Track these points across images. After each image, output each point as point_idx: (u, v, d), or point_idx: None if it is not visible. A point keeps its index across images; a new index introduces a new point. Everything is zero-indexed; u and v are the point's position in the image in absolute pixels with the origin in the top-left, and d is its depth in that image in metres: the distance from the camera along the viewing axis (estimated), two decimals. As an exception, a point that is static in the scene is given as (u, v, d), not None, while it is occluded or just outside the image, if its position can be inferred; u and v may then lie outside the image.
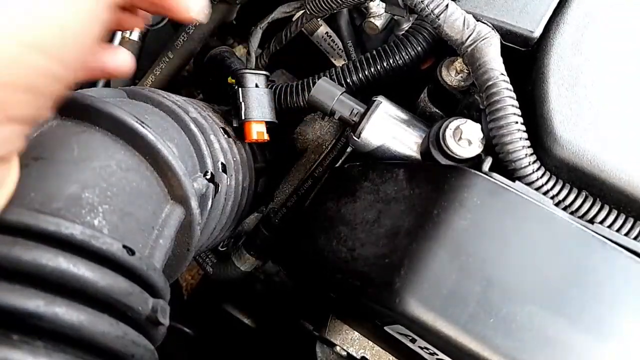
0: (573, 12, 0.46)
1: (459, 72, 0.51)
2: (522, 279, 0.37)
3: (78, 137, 0.35)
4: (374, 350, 0.55)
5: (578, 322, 0.36)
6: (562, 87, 0.43)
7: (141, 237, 0.34)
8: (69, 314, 0.27)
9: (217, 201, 0.47)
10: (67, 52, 0.26)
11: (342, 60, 0.72)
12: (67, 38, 0.25)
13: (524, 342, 0.35)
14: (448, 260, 0.38)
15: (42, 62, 0.24)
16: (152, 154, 0.37)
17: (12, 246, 0.27)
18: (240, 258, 0.66)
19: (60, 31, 0.25)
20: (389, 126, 0.49)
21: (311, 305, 0.64)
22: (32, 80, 0.24)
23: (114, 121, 0.36)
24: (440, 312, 0.36)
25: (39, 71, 0.25)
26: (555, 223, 0.39)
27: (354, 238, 0.43)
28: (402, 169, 0.45)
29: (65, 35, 0.25)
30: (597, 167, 0.41)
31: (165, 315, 0.33)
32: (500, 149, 0.43)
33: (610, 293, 0.37)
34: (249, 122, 0.53)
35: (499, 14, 0.47)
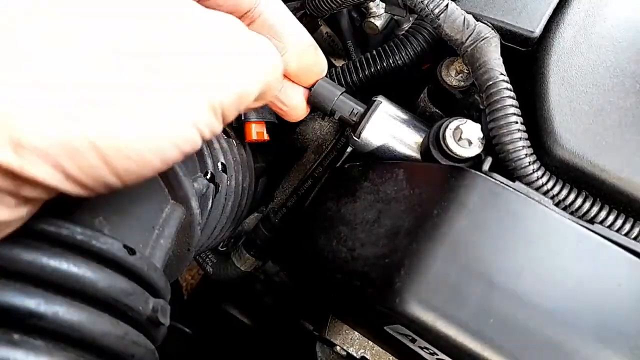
0: (573, 12, 0.46)
1: (459, 72, 0.51)
2: (523, 279, 0.37)
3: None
4: (374, 350, 0.55)
5: (578, 322, 0.36)
6: (562, 87, 0.43)
7: (142, 237, 0.34)
8: (69, 314, 0.27)
9: (218, 201, 0.47)
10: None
11: (342, 60, 0.72)
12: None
13: (524, 342, 0.35)
14: (448, 260, 0.38)
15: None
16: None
17: (13, 246, 0.27)
18: (240, 258, 0.66)
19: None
20: (389, 126, 0.49)
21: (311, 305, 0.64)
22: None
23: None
24: (440, 312, 0.36)
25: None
26: (556, 223, 0.39)
27: (354, 238, 0.43)
28: (402, 169, 0.45)
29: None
30: (597, 167, 0.41)
31: (166, 315, 0.33)
32: (500, 149, 0.43)
33: (610, 293, 0.37)
34: (249, 123, 0.53)
35: (499, 13, 0.47)
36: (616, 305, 0.37)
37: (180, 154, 0.29)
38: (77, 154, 0.24)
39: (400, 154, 0.49)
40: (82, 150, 0.24)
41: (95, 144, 0.24)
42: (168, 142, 0.27)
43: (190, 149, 0.29)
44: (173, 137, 0.27)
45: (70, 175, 0.25)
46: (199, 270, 0.82)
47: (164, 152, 0.27)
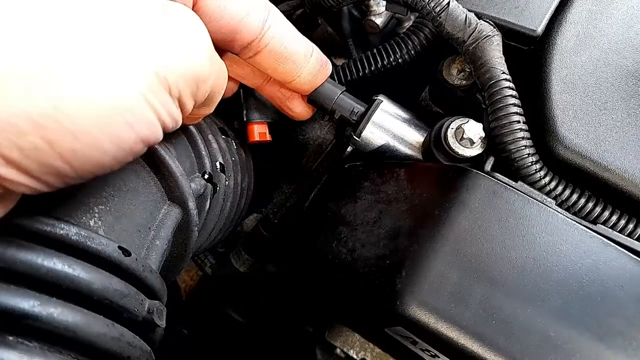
0: (576, 10, 0.46)
1: (460, 70, 0.50)
2: (525, 280, 0.37)
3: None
4: (374, 352, 0.55)
5: (580, 323, 0.36)
6: (564, 86, 0.43)
7: (137, 238, 0.34)
8: (64, 315, 0.26)
9: (216, 201, 0.46)
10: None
11: (342, 59, 0.72)
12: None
13: (525, 344, 0.35)
14: (450, 261, 0.37)
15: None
16: (149, 154, 0.36)
17: (8, 246, 0.27)
18: (239, 259, 0.65)
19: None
20: (389, 125, 0.48)
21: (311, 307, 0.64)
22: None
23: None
24: (441, 314, 0.36)
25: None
26: (558, 223, 0.39)
27: (354, 239, 0.43)
28: (403, 169, 0.45)
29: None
30: (600, 167, 0.41)
31: (162, 317, 0.32)
32: (502, 148, 0.43)
33: (612, 294, 0.37)
34: (251, 124, 0.53)
35: (501, 12, 0.47)
36: (618, 306, 0.36)
37: (136, 136, 0.26)
38: (14, 130, 0.22)
39: (401, 153, 0.49)
40: (18, 125, 0.22)
41: (32, 118, 0.22)
42: (116, 117, 0.24)
43: (148, 132, 0.27)
44: (120, 109, 0.24)
45: (11, 160, 0.22)
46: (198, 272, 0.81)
47: (114, 131, 0.24)
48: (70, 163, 0.24)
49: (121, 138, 0.25)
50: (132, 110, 0.25)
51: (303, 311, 0.67)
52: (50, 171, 0.24)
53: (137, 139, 0.26)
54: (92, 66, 0.24)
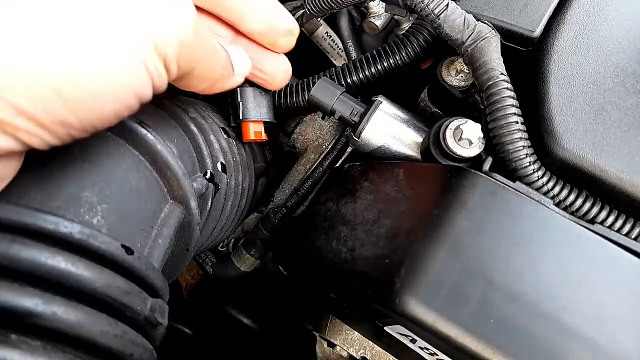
0: (574, 11, 0.46)
1: (459, 71, 0.50)
2: (523, 279, 0.37)
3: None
4: (374, 350, 0.55)
5: (579, 322, 0.36)
6: (562, 87, 0.43)
7: (140, 237, 0.34)
8: (67, 313, 0.27)
9: (217, 201, 0.47)
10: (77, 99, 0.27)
11: (342, 60, 0.72)
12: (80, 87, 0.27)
13: (524, 343, 0.35)
14: (448, 260, 0.38)
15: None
16: (151, 153, 0.37)
17: (11, 244, 0.27)
18: (240, 258, 0.65)
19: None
20: (389, 126, 0.49)
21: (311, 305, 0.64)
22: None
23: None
24: (440, 313, 0.36)
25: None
26: (556, 223, 0.39)
27: (354, 238, 0.43)
28: (402, 169, 0.45)
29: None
30: (598, 167, 0.41)
31: (164, 315, 0.33)
32: (500, 148, 0.43)
33: (611, 294, 0.37)
34: (247, 122, 0.53)
35: (500, 13, 0.47)
36: (616, 306, 0.37)
37: (132, 92, 0.29)
38: (25, 82, 0.25)
39: (401, 153, 0.49)
40: (29, 77, 0.25)
41: (43, 72, 0.25)
42: (116, 75, 0.28)
43: (141, 89, 0.30)
44: (119, 68, 0.28)
45: (22, 109, 0.25)
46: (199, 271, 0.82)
47: (114, 86, 0.28)
48: (75, 113, 0.27)
49: (120, 92, 0.29)
50: (129, 68, 0.29)
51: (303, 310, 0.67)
52: (58, 120, 0.27)
53: (133, 94, 0.30)
54: (95, 31, 0.27)
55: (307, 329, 0.61)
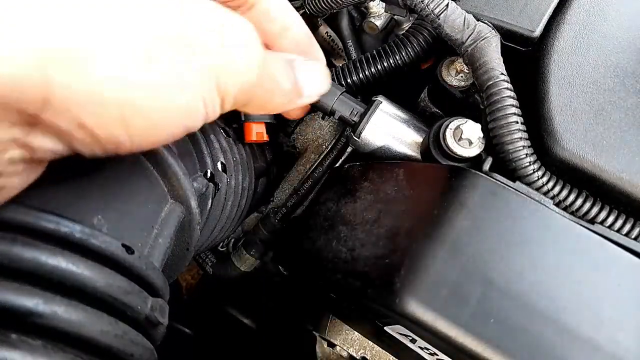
0: (574, 11, 0.46)
1: (459, 71, 0.50)
2: (522, 279, 0.37)
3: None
4: (374, 350, 0.55)
5: (577, 322, 0.36)
6: (562, 87, 0.43)
7: (140, 236, 0.34)
8: (68, 313, 0.27)
9: (217, 201, 0.47)
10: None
11: (342, 60, 0.72)
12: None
13: (523, 342, 0.35)
14: (448, 260, 0.38)
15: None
16: (152, 153, 0.37)
17: (12, 244, 0.27)
18: (240, 258, 0.65)
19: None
20: (389, 126, 0.49)
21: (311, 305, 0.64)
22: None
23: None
24: (440, 312, 0.36)
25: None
26: (556, 223, 0.39)
27: (354, 238, 0.43)
28: (402, 169, 0.45)
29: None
30: (598, 167, 0.41)
31: (164, 314, 0.33)
32: (500, 148, 0.43)
33: (610, 293, 0.37)
34: (249, 123, 0.53)
35: (500, 13, 0.47)
36: (616, 305, 0.37)
37: (185, 128, 0.31)
38: (100, 107, 0.26)
39: (401, 153, 0.49)
40: (105, 104, 0.26)
41: (118, 100, 0.26)
42: (179, 111, 0.29)
43: (192, 125, 0.31)
44: (185, 107, 0.30)
45: (87, 126, 0.26)
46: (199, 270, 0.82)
47: (173, 122, 0.30)
48: (131, 137, 0.28)
49: (175, 125, 0.30)
50: (191, 105, 0.30)
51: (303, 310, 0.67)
52: (115, 141, 0.28)
53: (185, 127, 0.31)
54: (167, 67, 0.28)
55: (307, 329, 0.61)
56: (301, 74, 0.41)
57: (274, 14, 0.43)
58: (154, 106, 0.28)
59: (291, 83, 0.40)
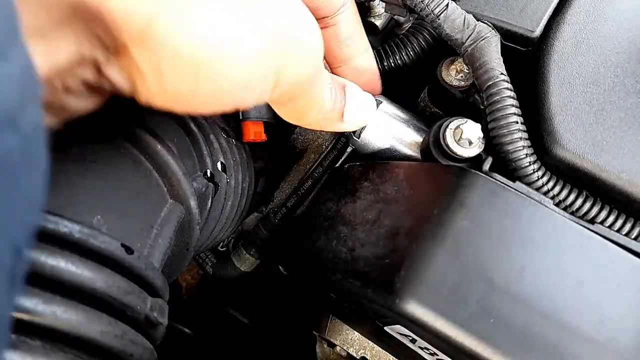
0: (574, 11, 0.46)
1: (459, 71, 0.50)
2: (523, 279, 0.37)
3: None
4: (374, 350, 0.55)
5: (578, 322, 0.36)
6: (562, 87, 0.43)
7: (140, 236, 0.34)
8: (67, 313, 0.27)
9: (217, 201, 0.47)
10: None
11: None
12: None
13: (523, 343, 0.35)
14: (448, 260, 0.38)
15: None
16: (151, 153, 0.37)
17: (11, 244, 0.27)
18: (240, 258, 0.65)
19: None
20: (389, 126, 0.49)
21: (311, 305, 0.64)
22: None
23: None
24: (440, 312, 0.36)
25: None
26: (556, 223, 0.39)
27: (354, 238, 0.43)
28: (402, 169, 0.45)
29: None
30: (598, 167, 0.41)
31: (164, 314, 0.33)
32: (500, 149, 0.43)
33: (610, 294, 0.37)
34: (247, 122, 0.53)
35: (500, 13, 0.47)
36: (616, 305, 0.37)
37: (237, 103, 0.32)
38: (182, 61, 0.26)
39: (401, 154, 0.49)
40: (189, 60, 0.26)
41: (199, 54, 0.27)
42: (243, 84, 0.30)
43: (244, 103, 0.32)
44: (248, 80, 0.30)
45: (162, 75, 0.27)
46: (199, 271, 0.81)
47: (234, 93, 0.30)
48: (193, 99, 0.29)
49: (234, 99, 0.31)
50: (252, 83, 0.31)
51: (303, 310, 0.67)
52: (175, 98, 0.29)
53: (239, 103, 0.32)
54: (249, 33, 0.29)
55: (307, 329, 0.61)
56: (350, 102, 0.42)
57: (345, 39, 0.45)
58: (222, 74, 0.28)
59: (335, 106, 0.41)
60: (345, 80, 0.43)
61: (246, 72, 0.29)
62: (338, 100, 0.41)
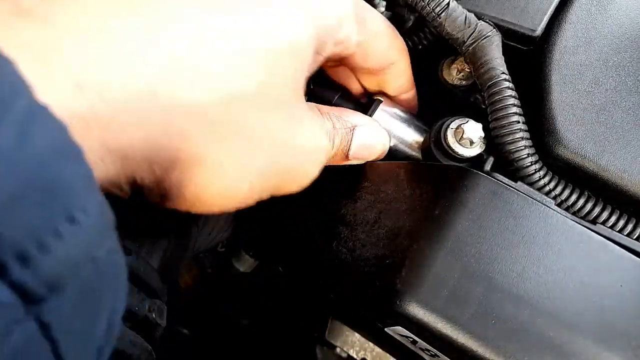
0: (575, 10, 0.46)
1: (460, 71, 0.50)
2: (524, 280, 0.37)
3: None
4: (374, 352, 0.55)
5: (580, 323, 0.36)
6: (564, 86, 0.43)
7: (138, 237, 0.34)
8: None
9: (216, 201, 0.46)
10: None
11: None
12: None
13: (525, 344, 0.35)
14: (449, 261, 0.37)
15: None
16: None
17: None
18: (239, 259, 0.65)
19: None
20: (389, 125, 0.48)
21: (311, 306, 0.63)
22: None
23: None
24: (441, 313, 0.36)
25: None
26: (558, 223, 0.39)
27: (354, 239, 0.43)
28: (403, 169, 0.45)
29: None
30: (600, 167, 0.41)
31: (162, 315, 0.32)
32: (502, 148, 0.43)
33: (612, 294, 0.37)
34: None
35: (501, 12, 0.47)
36: (618, 306, 0.36)
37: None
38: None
39: (401, 153, 0.49)
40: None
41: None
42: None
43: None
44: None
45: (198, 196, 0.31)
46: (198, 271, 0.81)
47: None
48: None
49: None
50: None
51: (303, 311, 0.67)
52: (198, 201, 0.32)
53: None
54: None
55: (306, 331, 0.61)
56: (357, 141, 0.43)
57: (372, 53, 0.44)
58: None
59: (338, 147, 0.42)
60: (357, 120, 0.44)
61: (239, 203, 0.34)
62: (344, 141, 0.42)
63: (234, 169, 0.31)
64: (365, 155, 0.44)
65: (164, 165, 0.27)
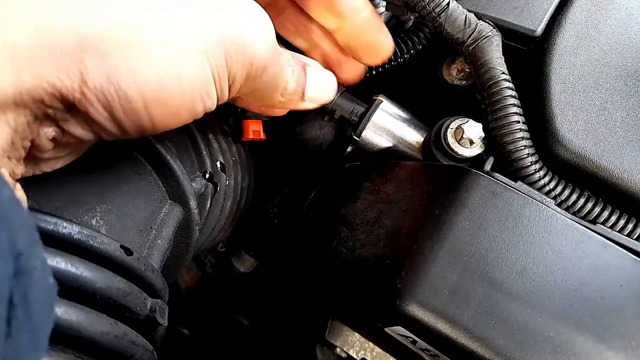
0: (575, 10, 0.46)
1: (460, 71, 0.50)
2: (524, 280, 0.37)
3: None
4: (374, 352, 0.55)
5: (579, 323, 0.36)
6: (564, 86, 0.43)
7: (139, 237, 0.34)
8: (67, 314, 0.26)
9: (216, 201, 0.46)
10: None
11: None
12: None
13: (525, 344, 0.35)
14: (449, 260, 0.37)
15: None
16: (150, 153, 0.36)
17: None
18: (240, 258, 0.65)
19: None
20: (389, 126, 0.49)
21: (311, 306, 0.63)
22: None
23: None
24: (441, 313, 0.36)
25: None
26: (558, 223, 0.39)
27: (354, 239, 0.43)
28: (403, 169, 0.45)
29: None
30: (600, 167, 0.41)
31: (164, 315, 0.32)
32: (502, 148, 0.43)
33: (612, 293, 0.37)
34: (246, 121, 0.53)
35: (501, 12, 0.47)
36: (618, 306, 0.36)
37: (200, 110, 0.32)
38: (129, 102, 0.28)
39: (401, 153, 0.49)
40: (132, 99, 0.28)
41: (144, 93, 0.28)
42: (196, 92, 0.31)
43: (207, 107, 0.33)
44: (199, 86, 0.31)
45: (117, 119, 0.28)
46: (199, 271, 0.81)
47: (192, 101, 0.31)
48: (154, 124, 0.30)
49: (195, 106, 0.32)
50: (207, 87, 0.32)
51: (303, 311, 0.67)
52: (138, 128, 0.30)
53: (202, 109, 0.33)
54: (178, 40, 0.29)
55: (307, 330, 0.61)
56: (311, 80, 0.42)
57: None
58: (169, 100, 0.30)
59: (297, 85, 0.40)
60: (306, 59, 0.43)
61: (191, 90, 0.31)
62: (301, 80, 0.41)
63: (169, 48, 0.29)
64: (319, 96, 0.44)
65: (76, 55, 0.26)
